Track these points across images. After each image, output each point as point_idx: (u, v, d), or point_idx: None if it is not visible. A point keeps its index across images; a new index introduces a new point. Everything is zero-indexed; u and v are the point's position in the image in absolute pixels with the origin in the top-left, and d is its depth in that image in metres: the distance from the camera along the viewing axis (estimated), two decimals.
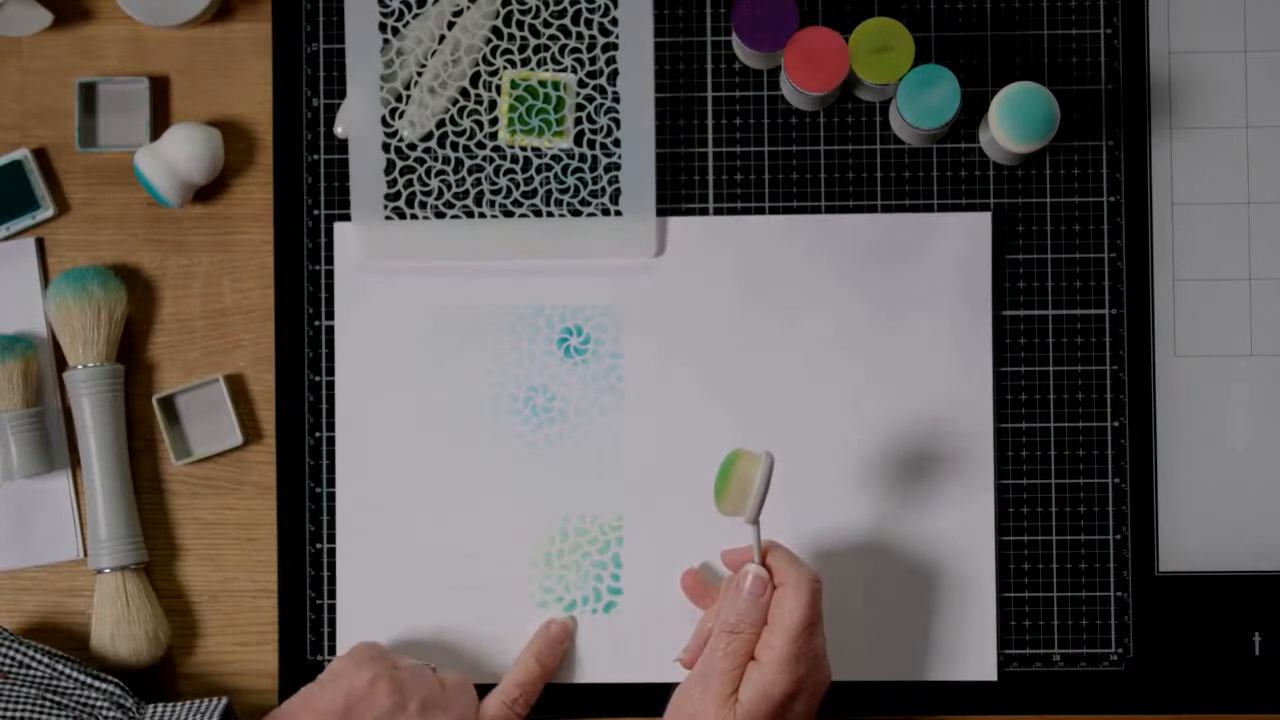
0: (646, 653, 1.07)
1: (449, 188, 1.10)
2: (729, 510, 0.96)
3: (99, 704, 1.01)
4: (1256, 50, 1.09)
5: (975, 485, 1.08)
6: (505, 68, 1.10)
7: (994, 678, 1.08)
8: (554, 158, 1.10)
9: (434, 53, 1.10)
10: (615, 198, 1.09)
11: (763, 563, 0.98)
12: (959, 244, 1.08)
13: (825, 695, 0.99)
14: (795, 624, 0.95)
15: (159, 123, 1.11)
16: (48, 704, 1.00)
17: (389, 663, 1.02)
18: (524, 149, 1.10)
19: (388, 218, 1.09)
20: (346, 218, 1.10)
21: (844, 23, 1.07)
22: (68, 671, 1.02)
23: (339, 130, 1.10)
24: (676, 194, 1.10)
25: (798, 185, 1.09)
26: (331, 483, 1.09)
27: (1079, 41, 1.09)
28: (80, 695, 1.01)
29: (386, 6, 1.10)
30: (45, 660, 1.02)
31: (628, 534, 1.08)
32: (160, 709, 1.00)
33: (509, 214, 1.10)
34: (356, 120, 1.10)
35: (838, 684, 1.03)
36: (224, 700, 1.01)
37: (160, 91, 1.11)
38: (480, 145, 1.10)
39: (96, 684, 1.02)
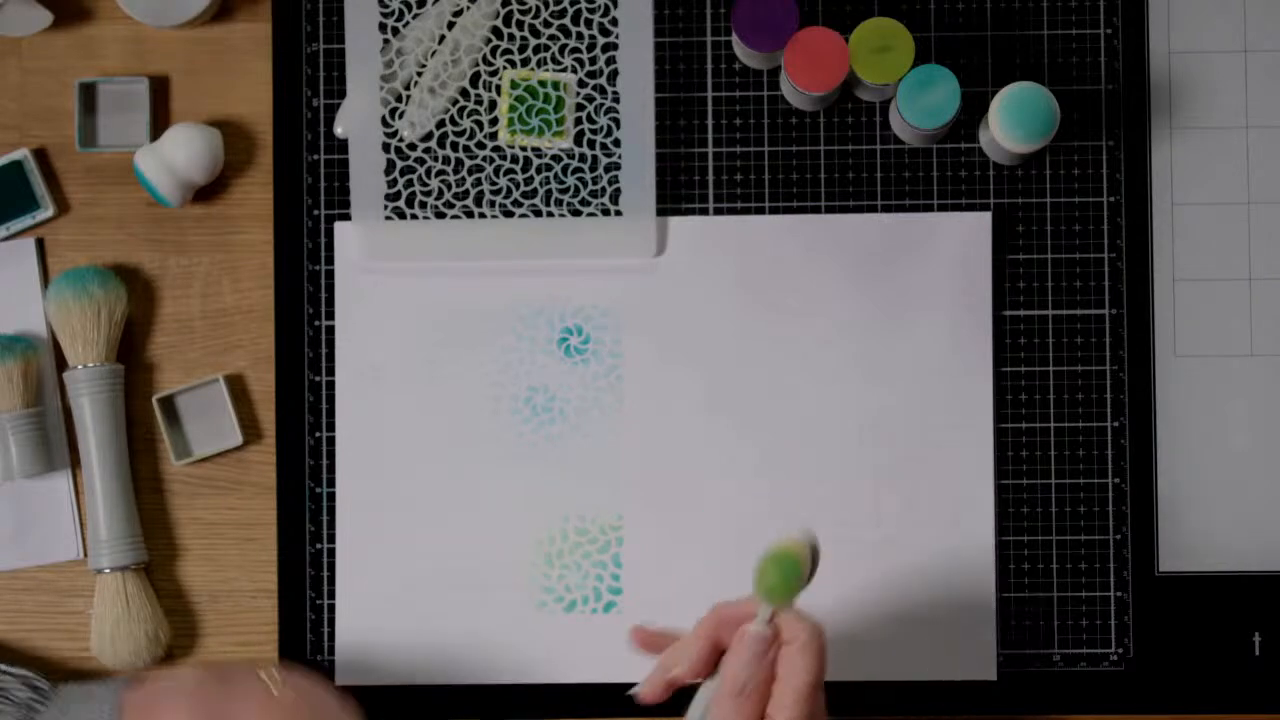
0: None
1: (449, 188, 1.10)
2: (789, 600, 0.90)
3: (11, 687, 1.02)
4: (1256, 50, 1.09)
5: (975, 485, 1.08)
6: (505, 68, 1.10)
7: (994, 678, 1.07)
8: (554, 158, 1.10)
9: (434, 53, 1.10)
10: (615, 198, 1.09)
11: (771, 618, 0.91)
12: (959, 244, 1.08)
13: None
14: (808, 684, 0.89)
15: (159, 123, 1.11)
16: None
17: None
18: (524, 149, 1.10)
19: (388, 218, 1.09)
20: (346, 218, 1.10)
21: (844, 23, 1.07)
22: None
23: (339, 130, 1.10)
24: (676, 194, 1.09)
25: (798, 185, 1.09)
26: (331, 483, 1.09)
27: (1079, 41, 1.09)
28: None
29: (386, 6, 1.10)
30: None
31: (628, 534, 1.08)
32: (73, 686, 1.02)
33: (509, 214, 1.09)
34: (356, 120, 1.09)
35: (838, 684, 1.03)
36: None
37: (160, 91, 1.11)
38: (480, 145, 1.10)
39: (11, 670, 1.04)
